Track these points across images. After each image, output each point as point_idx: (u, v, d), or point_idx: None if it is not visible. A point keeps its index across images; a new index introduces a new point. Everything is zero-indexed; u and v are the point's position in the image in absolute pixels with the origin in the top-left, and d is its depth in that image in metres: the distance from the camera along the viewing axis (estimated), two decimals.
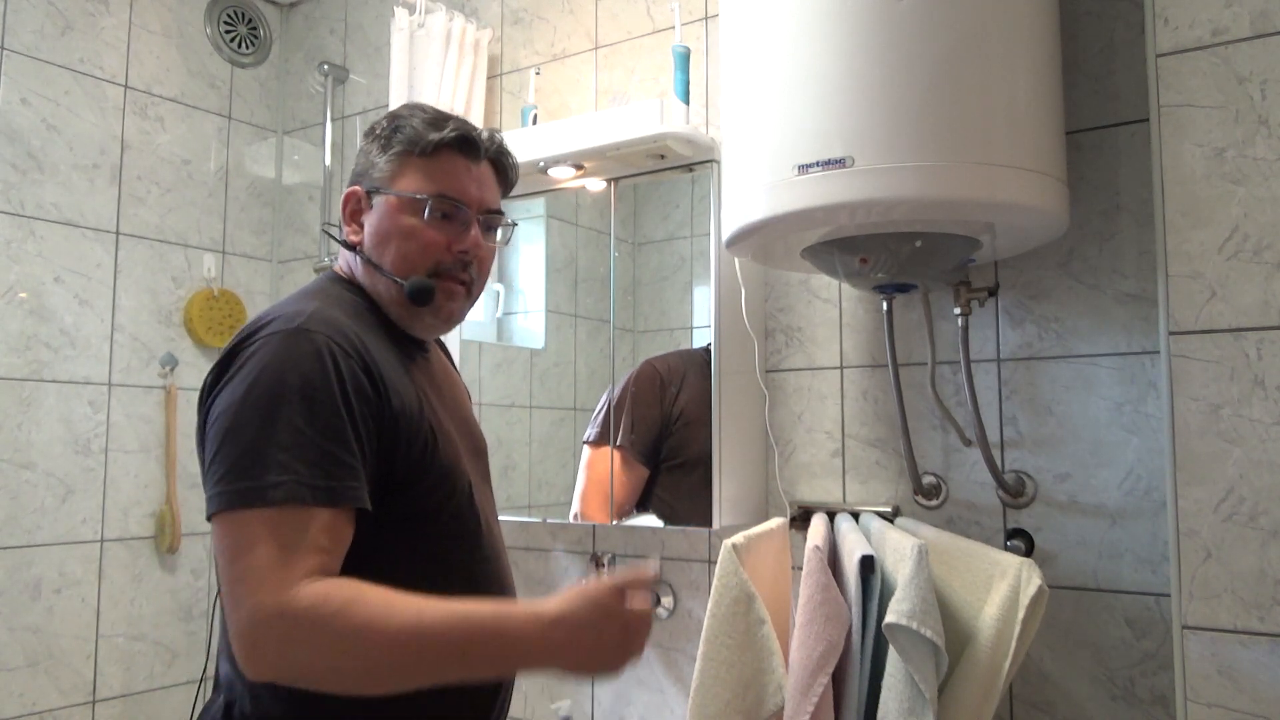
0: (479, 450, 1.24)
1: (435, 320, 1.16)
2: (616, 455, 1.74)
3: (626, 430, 1.73)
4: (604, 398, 1.79)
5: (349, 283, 1.16)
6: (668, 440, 1.71)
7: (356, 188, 1.16)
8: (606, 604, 0.95)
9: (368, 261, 1.14)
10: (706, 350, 1.72)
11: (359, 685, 0.92)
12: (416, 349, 1.18)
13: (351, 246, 1.15)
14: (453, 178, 1.13)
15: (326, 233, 1.28)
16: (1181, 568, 1.10)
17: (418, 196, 1.11)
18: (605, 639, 0.95)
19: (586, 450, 1.80)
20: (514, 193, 1.86)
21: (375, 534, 1.01)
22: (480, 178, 1.16)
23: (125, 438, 2.26)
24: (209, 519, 0.94)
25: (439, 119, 1.15)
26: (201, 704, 2.33)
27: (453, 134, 1.13)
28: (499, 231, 1.22)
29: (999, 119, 1.20)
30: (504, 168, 1.21)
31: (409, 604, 0.91)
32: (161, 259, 2.35)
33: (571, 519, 1.80)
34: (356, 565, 0.98)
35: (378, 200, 1.14)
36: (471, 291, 1.17)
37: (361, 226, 1.15)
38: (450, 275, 1.14)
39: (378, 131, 1.16)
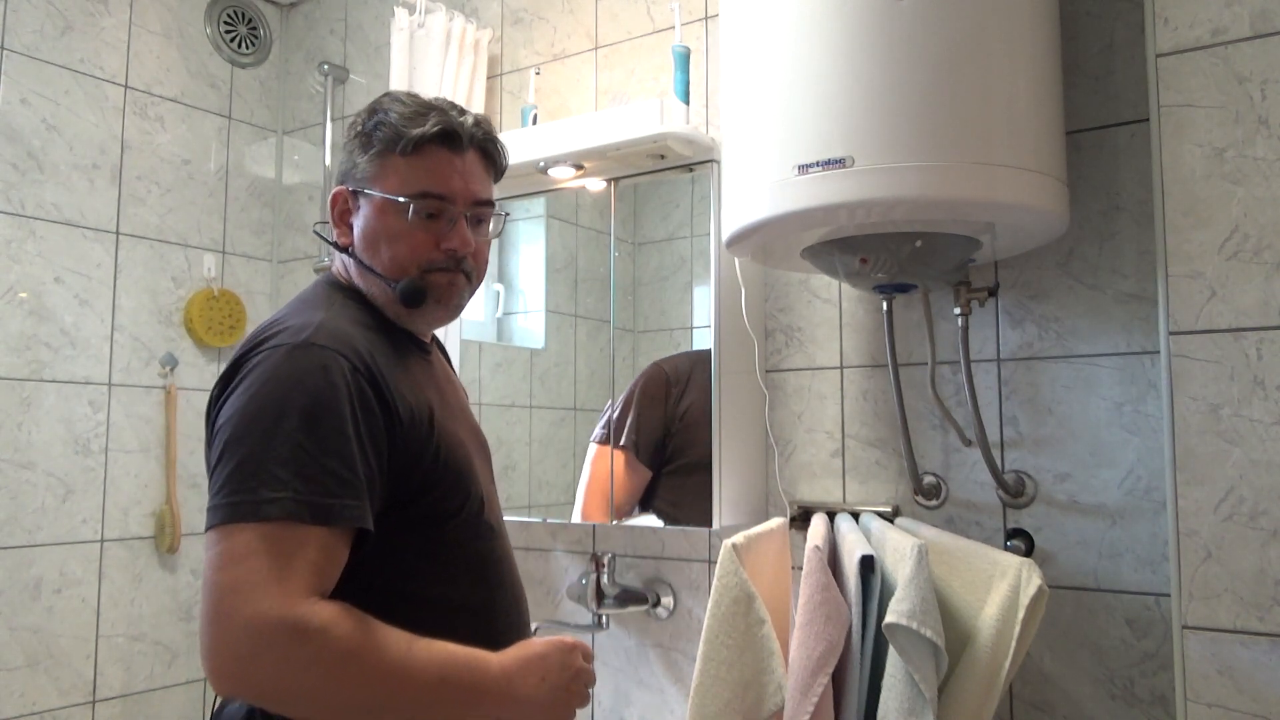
0: (484, 450, 1.25)
1: (438, 311, 1.14)
2: (619, 456, 1.73)
3: (631, 431, 1.73)
4: (619, 400, 1.79)
5: (348, 288, 1.15)
6: (671, 441, 1.71)
7: (343, 188, 1.14)
8: (562, 660, 1.04)
9: (360, 264, 1.12)
10: (709, 351, 1.72)
11: (331, 712, 0.92)
12: (419, 350, 1.17)
13: (343, 249, 1.14)
14: (435, 175, 1.10)
15: (318, 234, 1.26)
16: (1181, 568, 1.10)
17: (400, 199, 1.09)
18: (559, 692, 1.03)
19: (593, 448, 1.79)
20: (514, 193, 1.88)
21: (391, 539, 1.01)
22: (466, 169, 1.12)
23: (125, 438, 2.26)
24: (206, 532, 0.93)
25: (418, 111, 1.11)
26: (208, 706, 2.34)
27: (434, 128, 1.09)
28: (491, 224, 1.19)
29: (999, 119, 1.19)
30: (491, 154, 1.16)
31: (399, 639, 0.94)
32: (161, 259, 2.35)
33: (577, 515, 1.80)
34: (371, 568, 0.98)
35: (363, 201, 1.12)
36: (472, 280, 1.16)
37: (351, 228, 1.13)
38: (444, 269, 1.12)
39: (358, 128, 1.13)
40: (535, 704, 1.02)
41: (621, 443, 1.73)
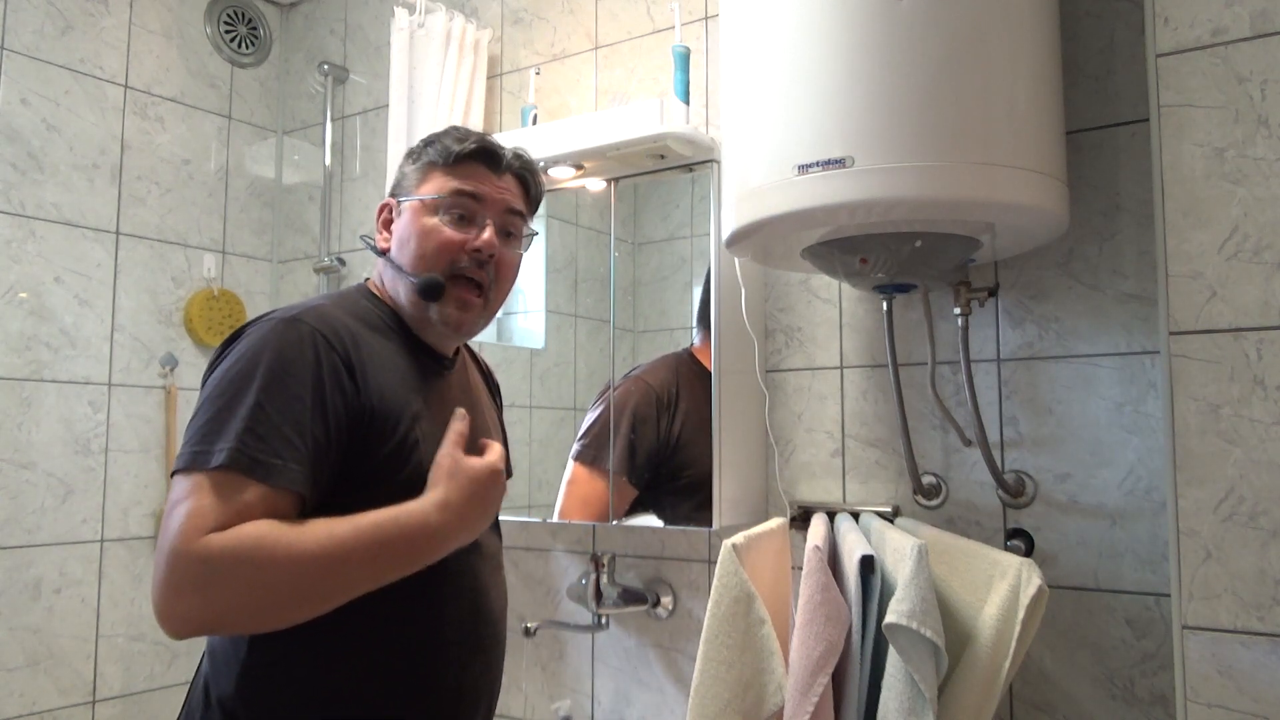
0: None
1: (444, 325, 1.17)
2: (603, 477, 1.72)
3: (624, 456, 1.71)
4: (593, 413, 1.78)
5: (376, 297, 1.20)
6: (668, 461, 1.69)
7: (390, 199, 1.22)
8: (468, 471, 1.07)
9: (392, 265, 1.18)
10: (689, 352, 1.71)
11: (282, 611, 0.95)
12: (437, 364, 1.21)
13: (381, 252, 1.21)
14: (471, 180, 1.18)
15: (364, 240, 1.32)
16: (1181, 568, 1.10)
17: (436, 196, 1.16)
18: (479, 499, 1.07)
19: (572, 465, 1.78)
20: None
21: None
22: (502, 184, 1.20)
23: (125, 438, 2.26)
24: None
25: (465, 135, 1.20)
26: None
27: (473, 145, 1.18)
28: (523, 242, 1.24)
29: (999, 119, 1.19)
30: (528, 182, 1.25)
31: (317, 525, 0.97)
32: (161, 259, 2.35)
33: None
34: None
35: (404, 206, 1.19)
36: (488, 300, 1.19)
37: (391, 235, 1.21)
38: (465, 276, 1.16)
39: (412, 150, 1.23)
40: (466, 521, 1.06)
41: (615, 468, 1.71)
